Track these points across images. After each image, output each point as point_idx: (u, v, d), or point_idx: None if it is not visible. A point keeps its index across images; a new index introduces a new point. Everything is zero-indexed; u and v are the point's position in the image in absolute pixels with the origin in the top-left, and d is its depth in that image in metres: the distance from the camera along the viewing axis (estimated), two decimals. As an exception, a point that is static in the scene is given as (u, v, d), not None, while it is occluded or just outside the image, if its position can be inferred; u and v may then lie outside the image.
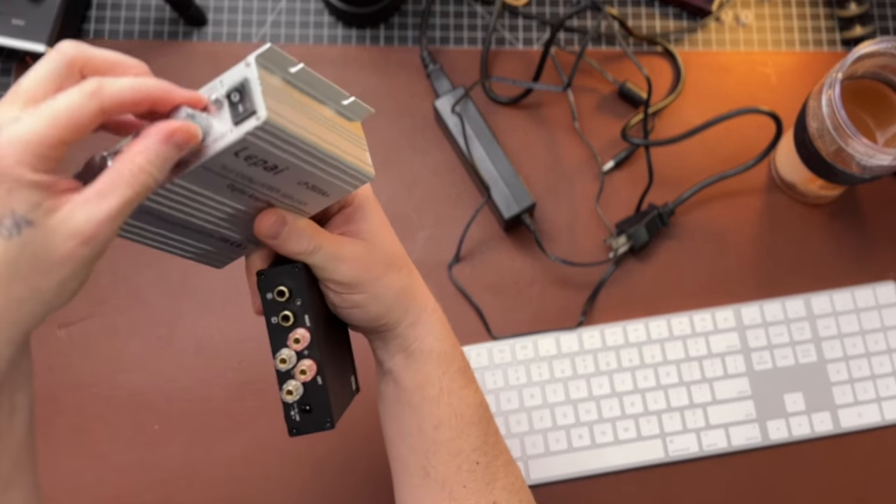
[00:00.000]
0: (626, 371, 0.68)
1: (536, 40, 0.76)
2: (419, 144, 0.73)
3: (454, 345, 0.50)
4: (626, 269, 0.71)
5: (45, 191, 0.33)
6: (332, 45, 0.75)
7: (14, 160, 0.32)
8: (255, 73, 0.35)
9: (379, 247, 0.46)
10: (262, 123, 0.35)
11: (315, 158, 0.39)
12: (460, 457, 0.48)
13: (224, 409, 0.67)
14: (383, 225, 0.47)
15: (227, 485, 0.66)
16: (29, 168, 0.32)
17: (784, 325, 0.70)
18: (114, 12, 0.75)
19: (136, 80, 0.35)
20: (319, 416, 0.45)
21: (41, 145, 0.32)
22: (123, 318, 0.69)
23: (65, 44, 0.35)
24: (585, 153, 0.73)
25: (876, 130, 0.64)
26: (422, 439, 0.48)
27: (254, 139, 0.35)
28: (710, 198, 0.73)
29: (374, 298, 0.46)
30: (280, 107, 0.36)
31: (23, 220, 0.32)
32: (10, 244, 0.32)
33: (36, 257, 0.33)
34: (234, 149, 0.36)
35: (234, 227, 0.43)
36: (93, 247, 0.34)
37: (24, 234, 0.32)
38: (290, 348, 0.44)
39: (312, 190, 0.42)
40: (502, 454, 0.50)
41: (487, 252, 0.71)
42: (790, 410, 0.68)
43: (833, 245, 0.72)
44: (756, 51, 0.76)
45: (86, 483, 0.66)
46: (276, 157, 0.37)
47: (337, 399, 0.46)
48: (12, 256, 0.32)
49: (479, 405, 0.50)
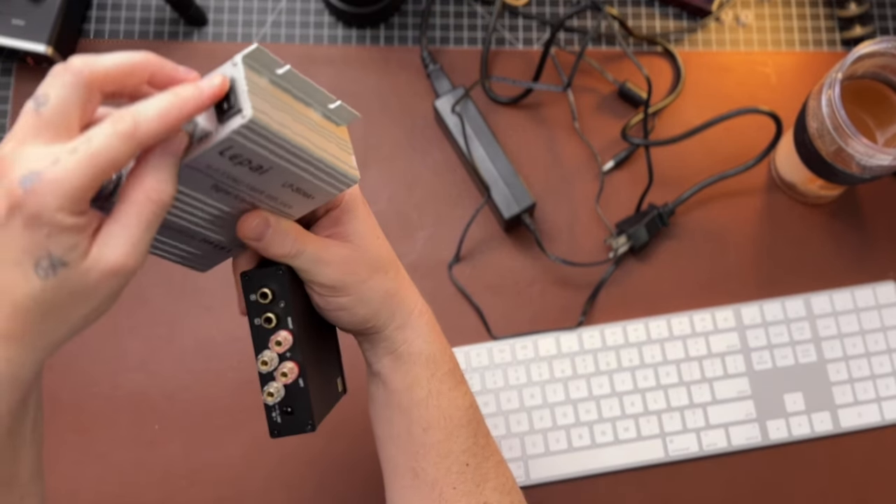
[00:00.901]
0: (626, 371, 0.68)
1: (536, 40, 0.76)
2: (419, 144, 0.73)
3: (443, 347, 0.50)
4: (626, 269, 0.71)
5: (80, 233, 0.34)
6: (332, 45, 0.75)
7: (55, 206, 0.32)
8: (241, 73, 0.35)
9: (365, 250, 0.46)
10: (247, 122, 0.35)
11: (300, 160, 0.39)
12: (450, 458, 0.48)
13: (224, 409, 0.67)
14: (371, 227, 0.47)
15: (227, 484, 0.66)
16: (68, 213, 0.33)
17: (784, 324, 0.70)
18: (114, 12, 0.75)
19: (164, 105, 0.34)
20: (301, 419, 0.44)
21: (80, 189, 0.33)
22: (124, 317, 0.69)
23: (75, 62, 0.34)
24: (585, 153, 0.73)
25: (876, 130, 0.64)
26: (411, 441, 0.48)
27: (239, 138, 0.35)
28: (710, 198, 0.73)
29: (359, 301, 0.45)
30: (266, 106, 0.36)
31: (59, 262, 0.33)
32: (46, 283, 0.34)
33: (71, 294, 0.34)
34: (220, 147, 0.36)
35: (218, 230, 0.43)
36: (124, 276, 0.35)
37: (59, 275, 0.34)
38: (272, 350, 0.44)
39: (297, 192, 0.42)
40: (493, 455, 0.50)
41: (487, 252, 0.71)
42: (790, 410, 0.68)
43: (833, 245, 0.72)
44: (756, 51, 0.76)
45: (86, 483, 0.66)
46: (261, 156, 0.37)
47: (320, 401, 0.46)
48: (49, 295, 0.34)
49: (469, 407, 0.50)
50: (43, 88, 0.34)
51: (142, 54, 0.36)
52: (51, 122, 0.33)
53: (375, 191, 0.72)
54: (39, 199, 0.32)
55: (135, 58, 0.35)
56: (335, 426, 0.66)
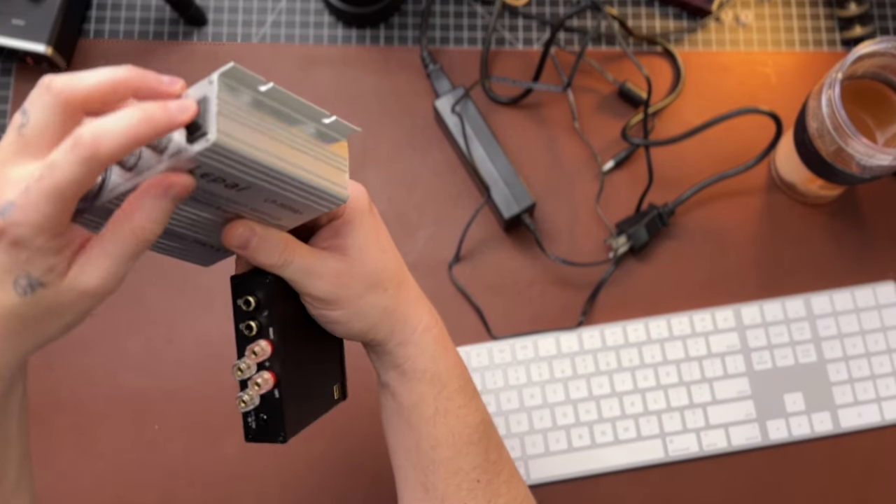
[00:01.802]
0: (626, 371, 0.68)
1: (536, 40, 0.76)
2: (419, 144, 0.73)
3: (451, 364, 0.48)
4: (626, 269, 0.71)
5: (57, 255, 0.35)
6: (332, 45, 0.75)
7: (31, 234, 0.33)
8: (214, 92, 0.34)
9: (362, 264, 0.44)
10: (210, 145, 0.34)
11: (276, 179, 0.38)
12: (459, 475, 0.47)
13: (224, 409, 0.67)
14: (374, 240, 0.45)
15: (227, 484, 0.66)
16: (46, 237, 0.34)
17: (784, 325, 0.70)
18: (114, 12, 0.75)
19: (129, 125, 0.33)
20: (273, 429, 0.44)
21: (50, 218, 0.33)
22: (123, 317, 0.69)
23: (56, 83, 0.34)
24: (585, 153, 0.73)
25: (876, 130, 0.64)
26: (420, 457, 0.47)
27: (205, 159, 0.34)
28: (710, 198, 0.73)
29: (354, 315, 0.44)
30: (235, 128, 0.35)
31: (37, 283, 0.35)
32: (24, 300, 0.35)
33: (48, 310, 0.36)
34: (186, 167, 0.35)
35: (207, 235, 0.42)
36: (100, 297, 0.36)
37: (37, 293, 0.35)
38: (248, 359, 0.43)
39: (283, 207, 0.41)
40: (504, 469, 0.49)
41: (487, 252, 0.71)
42: (790, 410, 0.68)
43: (833, 245, 0.72)
44: (756, 51, 0.76)
45: (86, 483, 0.66)
46: (234, 175, 0.36)
47: (298, 413, 0.45)
48: (24, 311, 0.35)
49: (480, 423, 0.49)
50: (28, 104, 0.34)
51: (124, 70, 0.35)
52: (30, 142, 0.34)
53: (375, 191, 0.72)
54: (16, 228, 0.33)
55: (116, 75, 0.34)
56: (336, 429, 0.67)
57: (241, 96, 0.35)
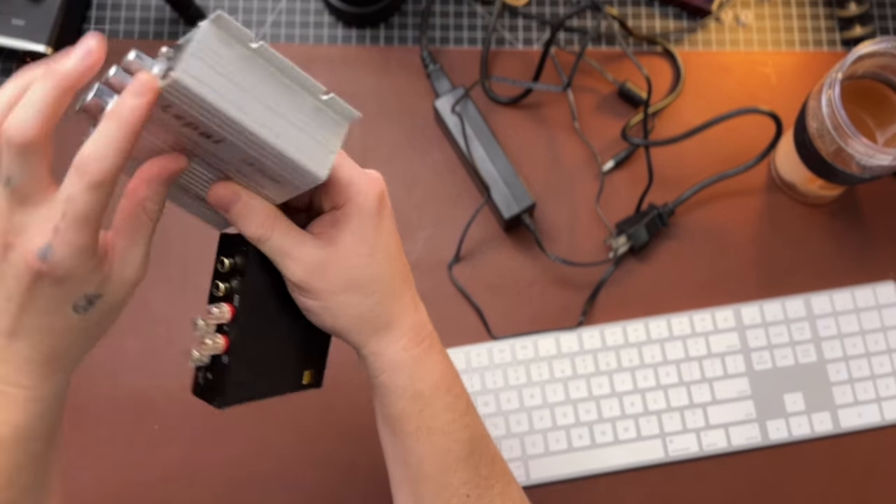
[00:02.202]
0: (626, 371, 0.68)
1: (536, 40, 0.76)
2: (419, 144, 0.73)
3: (437, 382, 0.46)
4: (626, 269, 0.71)
5: (101, 267, 0.38)
6: (332, 45, 0.75)
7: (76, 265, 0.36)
8: (198, 36, 0.34)
9: (345, 260, 0.43)
10: (171, 82, 0.34)
11: (245, 137, 0.37)
12: (448, 491, 0.46)
13: (224, 410, 0.67)
14: (366, 241, 0.43)
15: (227, 485, 0.66)
16: (87, 260, 0.36)
17: (784, 325, 0.70)
18: (114, 12, 0.75)
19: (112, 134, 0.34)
20: (214, 392, 0.45)
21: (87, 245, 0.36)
22: (123, 317, 0.69)
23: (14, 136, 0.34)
24: (585, 153, 0.73)
25: (876, 130, 0.64)
26: (408, 471, 0.46)
27: (171, 97, 0.34)
28: (710, 198, 0.73)
29: (326, 310, 0.43)
30: (208, 74, 0.34)
31: (94, 296, 0.38)
32: (85, 316, 0.38)
33: (105, 313, 0.39)
34: (157, 101, 0.35)
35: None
36: (141, 280, 0.40)
37: (97, 305, 0.38)
38: (208, 318, 0.43)
39: (263, 175, 0.40)
40: (498, 483, 0.48)
41: (487, 252, 0.71)
42: (790, 410, 0.68)
43: (833, 245, 0.72)
44: (756, 51, 0.76)
45: (86, 483, 0.66)
46: (202, 122, 0.36)
47: (243, 386, 0.44)
48: (87, 324, 0.39)
49: (471, 439, 0.46)
50: (4, 168, 0.35)
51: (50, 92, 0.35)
52: (29, 192, 0.35)
53: (375, 191, 0.72)
54: (61, 266, 0.36)
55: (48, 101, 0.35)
56: (337, 426, 0.67)
57: (233, 49, 0.36)
